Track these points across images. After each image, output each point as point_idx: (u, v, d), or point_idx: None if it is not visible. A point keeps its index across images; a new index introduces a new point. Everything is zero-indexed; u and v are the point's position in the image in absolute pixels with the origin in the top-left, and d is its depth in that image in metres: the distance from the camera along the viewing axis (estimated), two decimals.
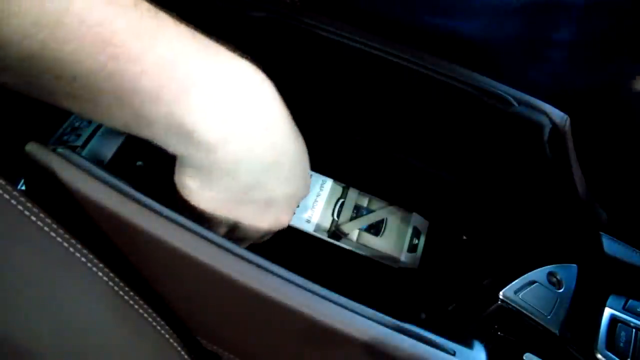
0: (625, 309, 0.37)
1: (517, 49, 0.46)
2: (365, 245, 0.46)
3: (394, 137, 0.47)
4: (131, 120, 0.26)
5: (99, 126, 0.42)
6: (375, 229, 0.47)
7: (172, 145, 0.27)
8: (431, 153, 0.46)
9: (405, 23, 0.45)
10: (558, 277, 0.39)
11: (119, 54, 0.23)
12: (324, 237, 0.46)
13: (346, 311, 0.27)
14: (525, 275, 0.39)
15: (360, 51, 0.41)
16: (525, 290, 0.38)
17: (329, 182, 0.49)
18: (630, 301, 0.37)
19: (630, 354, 0.35)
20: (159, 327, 0.32)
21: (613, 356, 0.35)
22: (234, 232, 0.34)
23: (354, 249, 0.46)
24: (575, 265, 0.40)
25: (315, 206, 0.48)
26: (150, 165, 0.43)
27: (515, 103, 0.40)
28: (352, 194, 0.49)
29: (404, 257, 0.46)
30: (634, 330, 0.36)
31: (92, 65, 0.23)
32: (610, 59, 0.45)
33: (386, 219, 0.48)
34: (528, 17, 0.43)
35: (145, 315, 0.31)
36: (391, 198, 0.50)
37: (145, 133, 0.27)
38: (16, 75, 0.23)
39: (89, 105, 0.25)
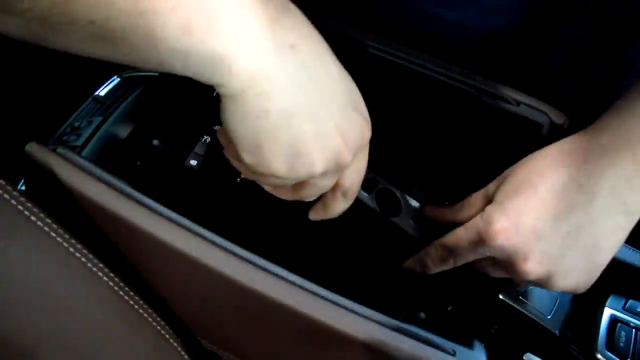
0: (625, 309, 0.37)
1: (519, 41, 0.46)
2: None
3: (393, 136, 0.47)
4: (166, 56, 0.26)
5: (99, 126, 0.42)
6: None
7: (207, 76, 0.27)
8: (431, 153, 0.46)
9: (405, 14, 0.45)
10: None
11: None
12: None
13: (346, 311, 0.27)
14: None
15: (360, 51, 0.41)
16: (525, 290, 0.38)
17: None
18: (630, 301, 0.37)
19: (630, 354, 0.35)
20: (159, 327, 0.32)
21: (613, 356, 0.35)
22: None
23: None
24: None
25: None
26: (149, 165, 0.43)
27: (515, 103, 0.40)
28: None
29: None
30: (634, 330, 0.36)
31: (124, 5, 0.24)
32: (610, 57, 0.45)
33: None
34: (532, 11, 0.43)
35: (145, 315, 0.31)
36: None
37: (179, 68, 0.27)
38: (46, 24, 0.24)
39: (121, 48, 0.26)
